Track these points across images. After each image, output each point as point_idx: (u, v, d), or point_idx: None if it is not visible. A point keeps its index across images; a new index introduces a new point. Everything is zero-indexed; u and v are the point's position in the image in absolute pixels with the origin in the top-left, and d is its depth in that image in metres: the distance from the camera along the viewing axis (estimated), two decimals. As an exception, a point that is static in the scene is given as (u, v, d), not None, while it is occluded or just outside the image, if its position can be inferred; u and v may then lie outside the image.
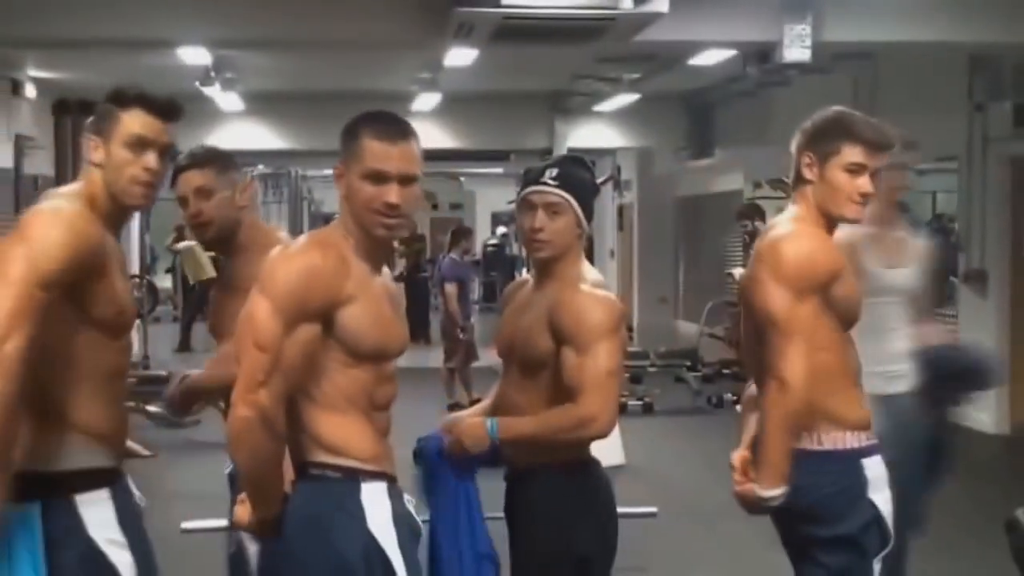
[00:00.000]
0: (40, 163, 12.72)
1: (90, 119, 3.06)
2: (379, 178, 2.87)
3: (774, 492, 3.34)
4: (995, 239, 10.70)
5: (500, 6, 6.82)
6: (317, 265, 2.82)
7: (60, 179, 13.17)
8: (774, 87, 11.75)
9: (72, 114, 13.08)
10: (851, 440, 3.39)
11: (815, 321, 3.32)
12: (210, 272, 17.02)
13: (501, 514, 3.68)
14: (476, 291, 21.72)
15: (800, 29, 8.06)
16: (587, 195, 3.57)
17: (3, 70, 11.90)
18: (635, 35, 7.70)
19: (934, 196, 17.12)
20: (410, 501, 3.00)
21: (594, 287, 3.52)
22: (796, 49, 8.12)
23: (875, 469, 3.39)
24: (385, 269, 3.06)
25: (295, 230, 19.69)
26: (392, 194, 2.87)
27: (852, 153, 3.36)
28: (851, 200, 3.38)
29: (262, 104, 14.88)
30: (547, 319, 3.48)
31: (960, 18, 8.46)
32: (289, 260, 2.86)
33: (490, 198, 27.61)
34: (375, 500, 2.86)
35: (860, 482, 3.36)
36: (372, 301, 2.89)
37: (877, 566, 3.39)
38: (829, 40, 8.30)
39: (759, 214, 11.76)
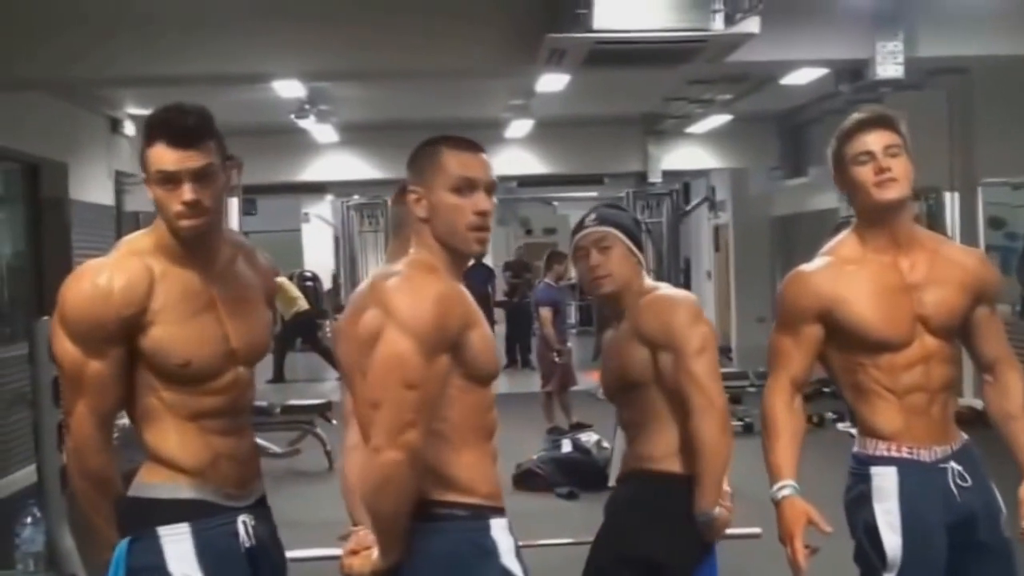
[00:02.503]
0: (142, 200, 12.95)
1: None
2: (469, 186, 2.88)
3: None
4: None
5: (592, 31, 6.85)
6: (445, 291, 2.80)
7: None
8: (866, 104, 11.65)
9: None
10: (868, 445, 3.40)
11: None
12: (303, 305, 17.23)
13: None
14: (572, 315, 21.73)
15: (892, 46, 8.01)
16: (630, 228, 3.74)
17: (103, 108, 12.16)
18: (727, 56, 7.68)
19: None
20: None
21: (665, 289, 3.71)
22: (889, 66, 8.06)
23: (884, 479, 3.36)
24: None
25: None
26: (483, 201, 2.89)
27: None
28: None
29: (356, 135, 15.05)
30: (633, 332, 3.62)
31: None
32: (417, 291, 2.78)
33: (582, 222, 27.62)
34: (503, 536, 2.87)
35: (866, 487, 3.38)
36: (484, 323, 2.90)
37: None
38: (922, 56, 8.23)
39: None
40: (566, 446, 9.56)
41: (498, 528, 2.87)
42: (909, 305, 3.34)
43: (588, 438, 9.57)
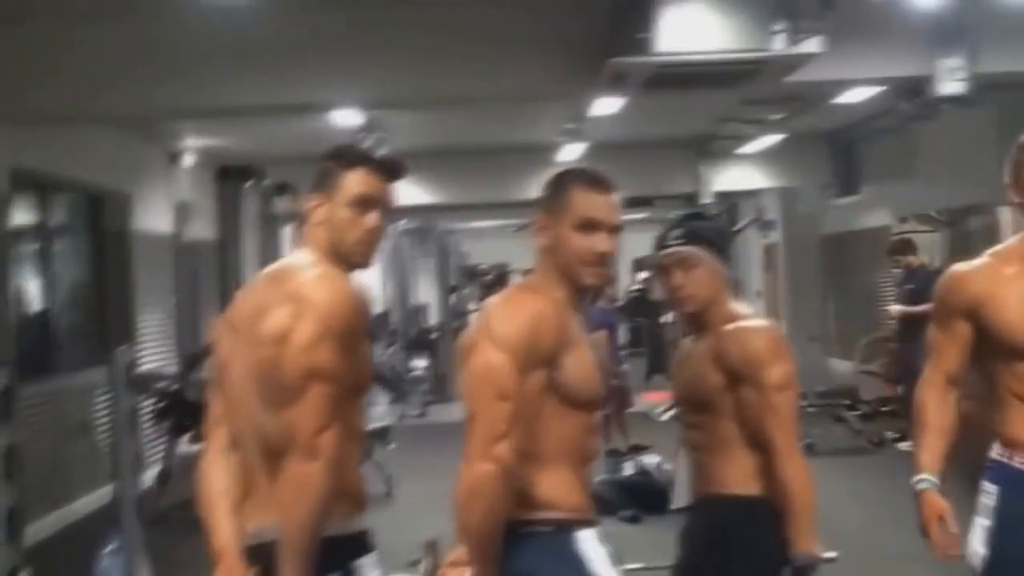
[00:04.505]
0: (201, 228, 13.10)
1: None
2: (591, 226, 2.95)
3: None
4: None
5: (655, 55, 6.88)
6: (542, 310, 2.89)
7: (222, 244, 13.59)
8: (918, 122, 11.63)
9: (232, 179, 13.49)
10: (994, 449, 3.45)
11: None
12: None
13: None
14: (623, 337, 21.69)
15: (953, 62, 8.00)
16: (716, 242, 3.68)
17: (163, 140, 12.30)
18: (786, 76, 7.70)
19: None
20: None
21: (751, 320, 3.63)
22: (950, 82, 8.05)
23: (988, 498, 3.40)
24: None
25: (442, 282, 19.99)
26: (603, 243, 2.95)
27: None
28: None
29: (410, 160, 15.01)
30: (712, 357, 3.57)
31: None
32: (514, 308, 2.92)
33: (633, 244, 27.54)
34: (591, 546, 2.92)
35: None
36: (582, 348, 2.94)
37: None
38: (983, 72, 8.20)
39: (912, 249, 11.62)
40: (627, 468, 9.54)
41: (585, 539, 2.92)
42: None
43: (649, 460, 9.55)
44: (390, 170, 3.12)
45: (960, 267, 3.50)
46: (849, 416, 12.36)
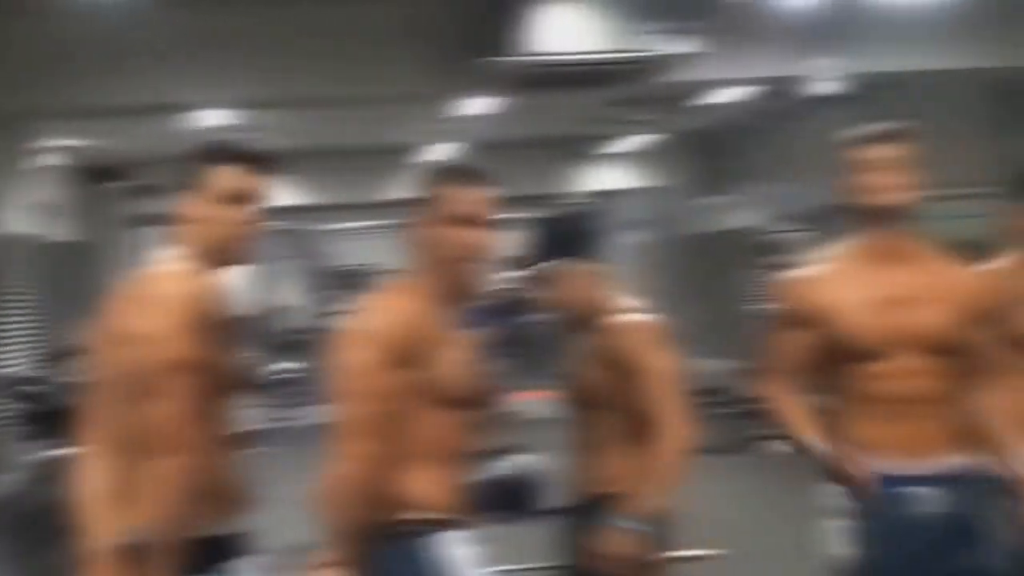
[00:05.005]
0: (65, 230, 12.75)
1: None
2: (464, 221, 2.93)
3: None
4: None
5: (526, 55, 6.85)
6: (412, 309, 2.88)
7: (87, 245, 13.25)
8: (789, 122, 11.78)
9: (98, 180, 13.16)
10: None
11: None
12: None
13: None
14: (497, 336, 21.69)
15: (824, 62, 8.09)
16: (578, 247, 3.76)
17: (25, 138, 11.94)
18: (660, 76, 7.73)
19: (957, 224, 17.08)
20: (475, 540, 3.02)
21: (634, 314, 3.72)
22: (820, 82, 8.14)
23: (837, 498, 3.45)
24: None
25: (311, 284, 19.81)
26: (478, 236, 2.94)
27: None
28: None
29: (280, 161, 14.90)
30: (597, 353, 3.67)
31: (981, 44, 8.51)
32: (384, 307, 2.93)
33: (500, 244, 27.67)
34: (457, 548, 2.92)
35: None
36: (458, 346, 2.94)
37: None
38: (857, 72, 8.32)
39: (780, 249, 11.75)
40: (501, 468, 9.50)
41: (451, 541, 2.91)
42: (893, 317, 3.35)
43: (522, 460, 9.51)
44: (261, 164, 3.09)
45: (797, 273, 3.54)
46: (719, 415, 12.45)
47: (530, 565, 3.74)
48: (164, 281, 2.94)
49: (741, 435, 11.90)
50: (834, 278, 3.44)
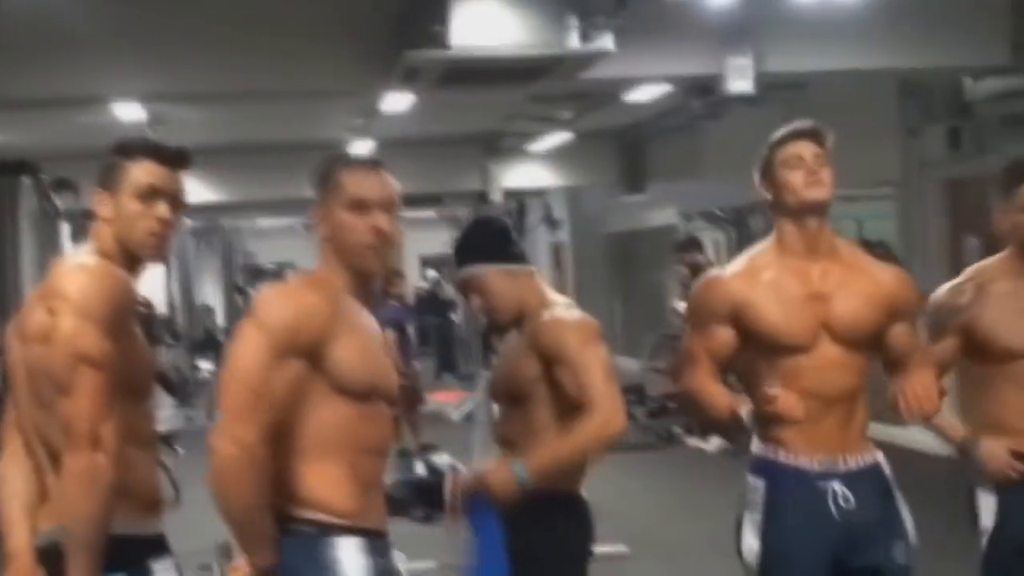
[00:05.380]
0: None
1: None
2: (363, 206, 2.89)
3: None
4: (935, 261, 10.84)
5: (448, 49, 6.83)
6: (311, 300, 2.83)
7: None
8: (705, 121, 11.87)
9: (8, 175, 12.89)
10: (756, 446, 3.58)
11: None
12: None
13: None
14: (413, 335, 21.63)
15: (742, 61, 8.16)
16: (495, 253, 3.71)
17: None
18: (580, 73, 7.74)
19: (861, 223, 17.32)
20: (400, 556, 2.97)
21: (564, 310, 3.66)
22: (738, 81, 8.21)
23: (755, 493, 3.52)
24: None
25: (228, 282, 19.62)
26: (379, 220, 2.89)
27: None
28: None
29: (194, 157, 14.71)
30: (527, 348, 3.60)
31: (892, 45, 8.62)
32: (281, 296, 2.88)
33: (419, 242, 27.59)
34: (350, 555, 2.83)
35: (743, 491, 3.55)
36: (362, 338, 2.88)
37: None
38: (770, 71, 8.39)
39: (697, 247, 11.81)
40: (419, 468, 9.45)
41: (345, 547, 2.83)
42: (813, 312, 3.41)
43: (440, 459, 9.47)
44: (176, 159, 3.06)
45: (718, 274, 3.59)
46: (637, 412, 12.52)
47: (446, 563, 3.69)
48: (71, 277, 2.90)
49: (658, 431, 11.98)
50: (756, 274, 3.49)
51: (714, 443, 11.28)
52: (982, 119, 9.77)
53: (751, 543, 3.46)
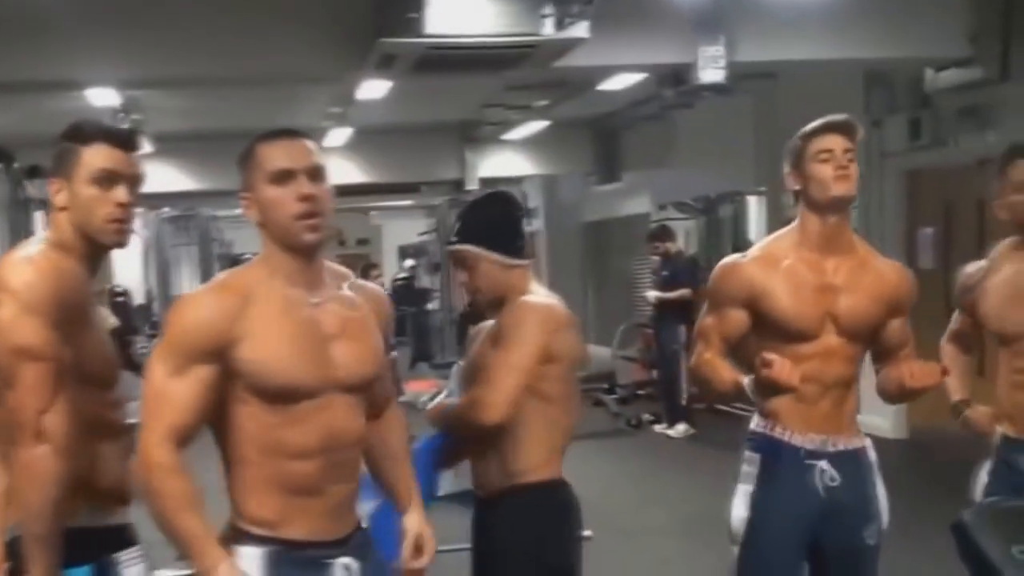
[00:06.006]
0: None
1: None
2: (284, 176, 2.76)
3: None
4: (893, 250, 10.89)
5: (424, 36, 6.86)
6: (209, 304, 2.74)
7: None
8: (678, 110, 11.92)
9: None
10: (753, 421, 3.79)
11: None
12: (112, 322, 16.71)
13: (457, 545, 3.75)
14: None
15: (714, 50, 8.22)
16: (493, 232, 3.65)
17: None
18: (554, 61, 7.78)
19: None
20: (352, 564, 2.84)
21: (539, 297, 3.62)
22: (710, 71, 8.27)
23: (750, 464, 3.72)
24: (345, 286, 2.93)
25: (206, 271, 19.51)
26: (304, 186, 2.76)
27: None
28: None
29: (170, 145, 14.69)
30: (495, 334, 3.59)
31: (858, 35, 8.70)
32: (186, 302, 2.79)
33: (397, 231, 27.50)
34: (245, 566, 2.73)
35: (739, 466, 3.79)
36: (284, 335, 2.75)
37: None
38: (741, 60, 8.45)
39: (669, 236, 11.87)
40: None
41: (244, 556, 2.74)
42: (823, 303, 3.60)
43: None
44: (129, 140, 2.99)
45: (737, 259, 3.74)
46: (608, 400, 12.62)
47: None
48: (15, 269, 2.83)
49: (629, 418, 12.06)
50: (774, 261, 3.65)
51: (680, 430, 11.37)
52: (941, 110, 9.86)
53: (740, 512, 3.66)
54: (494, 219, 3.71)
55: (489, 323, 3.75)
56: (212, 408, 2.71)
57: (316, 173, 2.79)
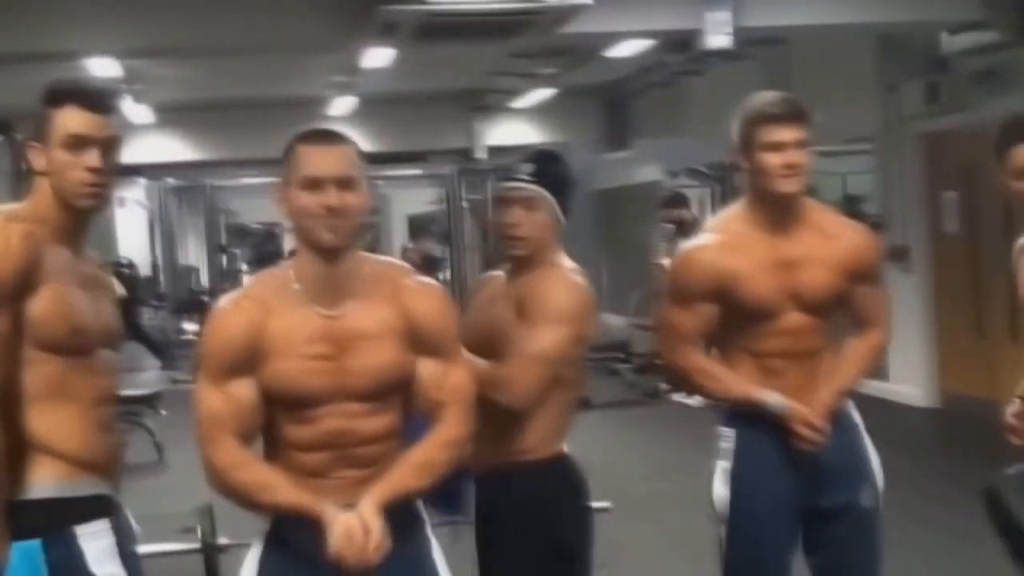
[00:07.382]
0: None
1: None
2: (314, 184, 2.82)
3: None
4: (914, 215, 10.86)
5: (426, 3, 6.77)
6: (233, 321, 2.86)
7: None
8: (688, 77, 11.81)
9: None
10: None
11: None
12: (119, 292, 16.70)
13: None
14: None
15: (721, 16, 8.08)
16: (563, 189, 3.53)
17: None
18: (559, 28, 7.68)
19: (844, 178, 17.30)
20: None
21: (570, 272, 3.50)
22: (717, 36, 8.14)
23: (726, 440, 3.65)
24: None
25: (211, 241, 19.50)
26: (330, 198, 2.81)
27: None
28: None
29: (173, 115, 14.66)
30: (517, 303, 3.45)
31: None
32: (215, 317, 2.91)
33: (405, 201, 27.38)
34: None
35: (715, 443, 3.70)
36: (295, 354, 2.84)
37: None
38: (748, 26, 8.32)
39: (683, 203, 11.79)
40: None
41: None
42: (782, 280, 3.50)
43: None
44: (100, 102, 2.89)
45: (696, 249, 3.61)
46: (623, 369, 12.54)
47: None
48: None
49: (644, 388, 11.99)
50: (730, 244, 3.53)
51: (698, 399, 11.27)
52: (958, 74, 9.73)
53: (720, 491, 3.59)
54: (568, 176, 3.60)
55: (498, 275, 3.65)
56: (261, 413, 2.85)
57: (347, 183, 2.83)
